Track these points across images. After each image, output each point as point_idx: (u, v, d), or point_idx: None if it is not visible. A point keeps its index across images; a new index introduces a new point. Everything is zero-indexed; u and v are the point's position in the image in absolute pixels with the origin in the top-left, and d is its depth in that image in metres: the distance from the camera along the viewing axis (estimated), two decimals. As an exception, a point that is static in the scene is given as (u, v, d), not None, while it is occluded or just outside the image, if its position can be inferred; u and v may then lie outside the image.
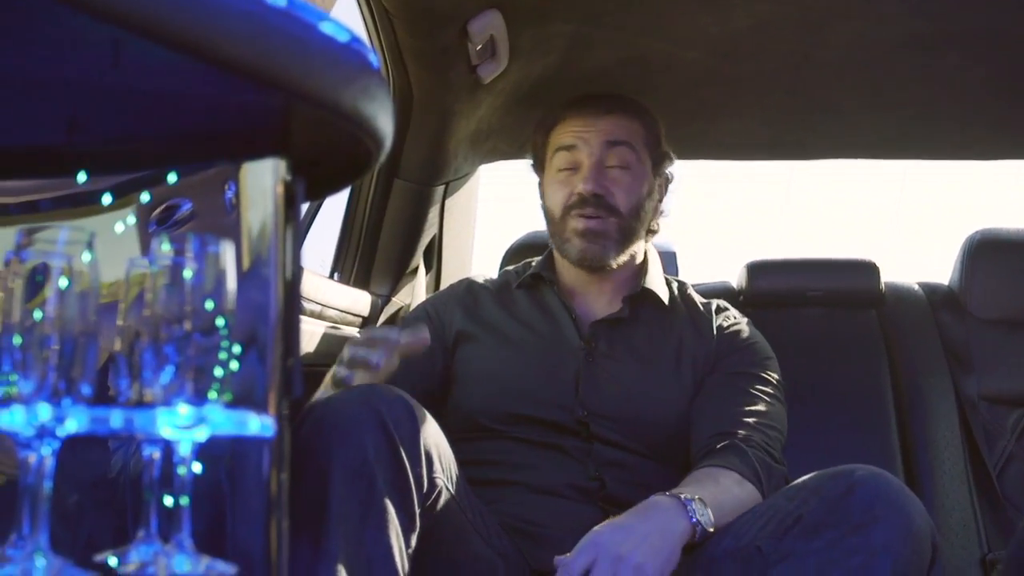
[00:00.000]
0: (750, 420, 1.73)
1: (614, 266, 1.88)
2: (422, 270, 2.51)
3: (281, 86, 0.57)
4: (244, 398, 0.67)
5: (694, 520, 1.47)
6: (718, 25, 1.95)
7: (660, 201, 1.97)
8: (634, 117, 1.92)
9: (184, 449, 0.65)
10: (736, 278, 2.63)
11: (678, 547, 1.45)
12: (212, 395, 0.64)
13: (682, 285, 2.02)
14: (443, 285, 2.51)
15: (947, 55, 2.05)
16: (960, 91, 2.21)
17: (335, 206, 2.31)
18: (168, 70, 0.58)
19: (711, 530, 1.48)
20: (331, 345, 1.99)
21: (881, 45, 2.02)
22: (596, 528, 1.45)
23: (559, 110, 1.95)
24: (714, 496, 1.53)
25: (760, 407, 1.76)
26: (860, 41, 2.01)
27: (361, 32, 1.93)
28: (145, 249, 0.76)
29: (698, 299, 1.99)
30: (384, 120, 0.66)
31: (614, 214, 1.85)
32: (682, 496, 1.50)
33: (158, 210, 0.77)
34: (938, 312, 2.54)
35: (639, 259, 1.95)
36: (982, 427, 2.37)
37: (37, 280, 0.62)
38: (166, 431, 0.64)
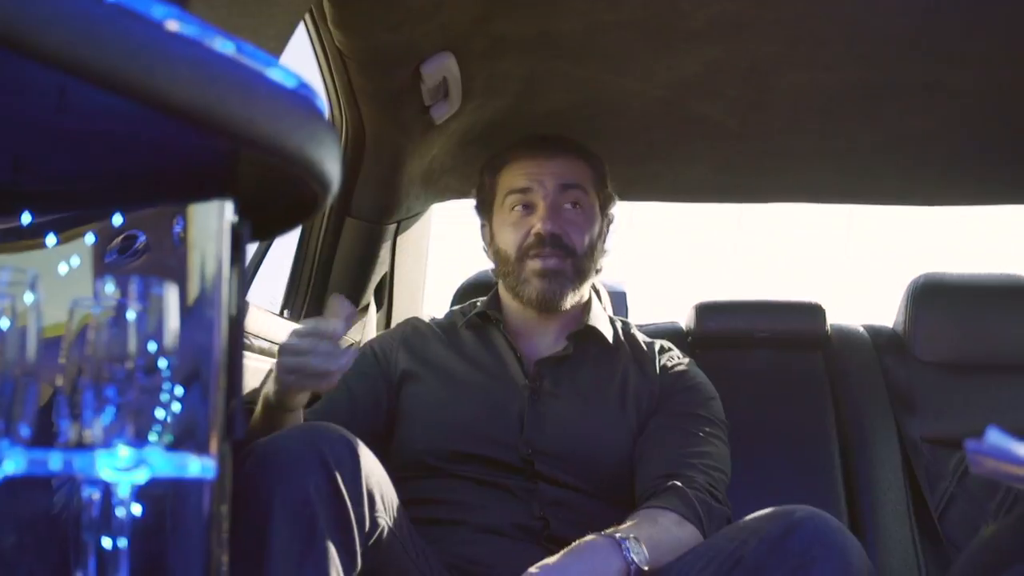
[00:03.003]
0: (693, 461, 1.74)
1: (568, 307, 1.89)
2: (373, 308, 2.50)
3: (227, 132, 0.57)
4: (185, 439, 0.67)
5: (628, 559, 1.47)
6: (668, 70, 1.98)
7: (605, 241, 1.99)
8: (583, 159, 1.95)
9: (123, 491, 0.64)
10: (685, 319, 2.65)
11: None
12: (153, 437, 0.64)
13: (626, 324, 2.04)
14: (394, 323, 2.51)
15: (891, 104, 2.09)
16: (904, 139, 2.26)
17: (286, 242, 2.30)
18: (114, 113, 0.59)
19: (645, 568, 1.48)
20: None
21: (828, 93, 2.06)
22: (531, 569, 1.45)
23: (507, 152, 1.96)
24: (651, 536, 1.54)
25: (703, 448, 1.78)
26: (806, 88, 2.05)
27: (315, 72, 1.94)
28: (93, 284, 0.76)
29: (642, 338, 2.00)
30: (331, 165, 0.67)
31: (571, 255, 1.87)
32: (616, 535, 1.50)
33: (117, 240, 0.77)
34: (882, 354, 2.57)
35: (584, 298, 1.97)
36: (924, 469, 2.40)
37: (-23, 320, 0.61)
38: (106, 473, 0.64)
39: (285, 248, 2.30)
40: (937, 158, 2.36)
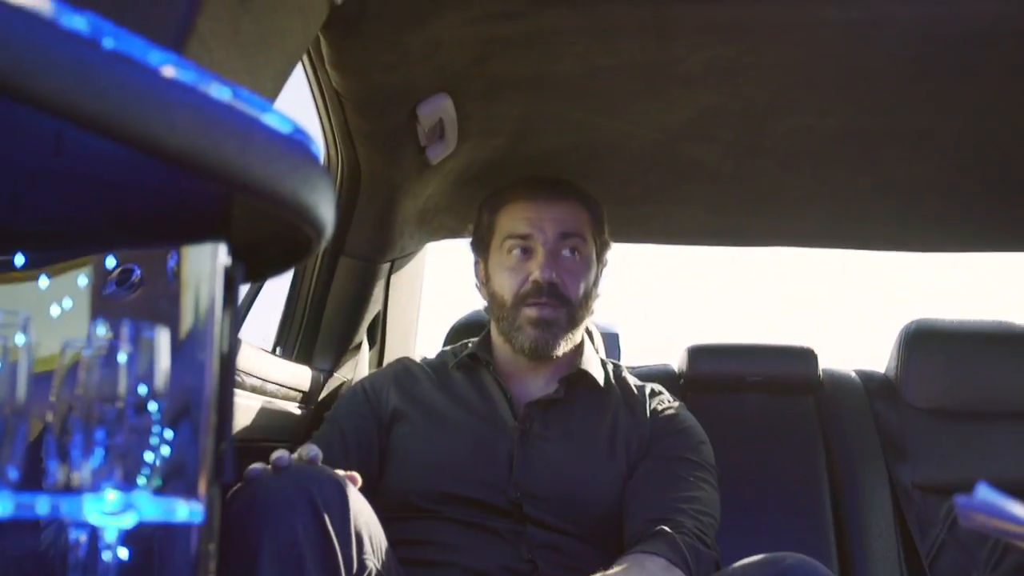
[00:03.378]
0: (683, 506, 1.73)
1: (560, 354, 1.89)
2: (365, 346, 2.50)
3: (222, 178, 0.57)
4: (174, 481, 0.67)
5: None
6: (663, 113, 1.99)
7: (598, 285, 1.99)
8: (582, 205, 1.95)
9: (110, 535, 0.64)
10: (677, 361, 2.66)
11: None
12: (141, 480, 0.64)
13: (617, 367, 2.04)
14: (386, 361, 2.51)
15: (884, 150, 2.11)
16: (897, 185, 2.27)
17: (280, 280, 2.30)
18: (110, 158, 0.59)
19: None
20: (270, 420, 1.97)
21: (822, 138, 2.08)
22: None
23: (507, 192, 1.96)
24: None
25: (693, 492, 1.77)
26: (800, 133, 2.06)
27: (312, 112, 1.95)
28: (86, 325, 0.76)
29: (633, 381, 2.00)
30: (325, 209, 0.67)
31: (566, 304, 1.87)
32: None
33: (114, 274, 0.77)
34: (874, 400, 2.57)
35: (576, 341, 1.97)
36: (915, 515, 2.40)
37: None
38: (93, 517, 0.63)
39: (278, 284, 2.31)
40: (930, 204, 2.37)
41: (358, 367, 2.46)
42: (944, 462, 2.44)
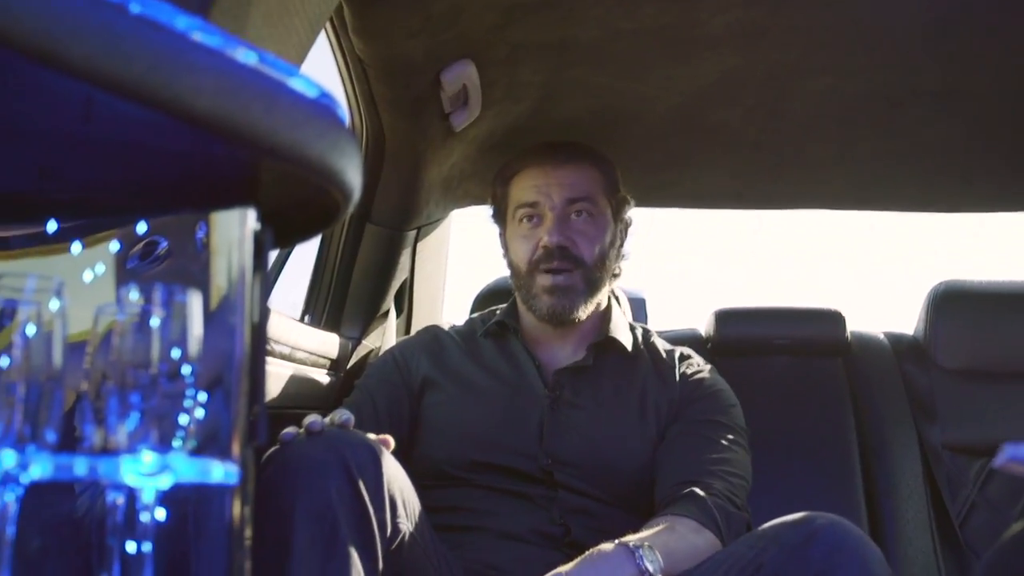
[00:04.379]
0: (713, 468, 1.74)
1: (582, 318, 1.89)
2: (393, 314, 2.51)
3: (250, 142, 0.58)
4: (208, 444, 0.68)
5: (642, 567, 1.47)
6: (688, 77, 1.98)
7: (621, 246, 1.98)
8: (591, 166, 1.94)
9: (148, 496, 0.65)
10: (704, 325, 2.65)
11: None
12: (176, 442, 0.65)
13: (646, 332, 2.03)
14: (414, 329, 2.52)
15: (912, 109, 2.09)
16: (925, 145, 2.25)
17: (307, 249, 2.31)
18: (139, 123, 0.59)
19: (659, 574, 1.48)
20: (299, 387, 1.99)
21: (847, 99, 2.06)
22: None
23: (516, 162, 1.97)
24: (666, 543, 1.54)
25: (723, 455, 1.77)
26: (827, 95, 2.04)
27: (335, 80, 1.95)
28: (117, 291, 0.76)
29: (662, 346, 2.00)
30: (352, 173, 0.67)
31: (580, 266, 1.87)
32: (630, 543, 1.50)
33: (139, 246, 0.77)
34: (903, 362, 2.56)
35: (603, 306, 1.97)
36: (945, 476, 2.39)
37: (3, 325, 0.62)
38: (130, 478, 0.64)
39: (305, 254, 2.32)
40: (957, 164, 2.35)
41: (386, 335, 2.47)
42: (974, 423, 2.43)
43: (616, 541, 1.52)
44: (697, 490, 1.68)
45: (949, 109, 2.09)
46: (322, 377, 2.13)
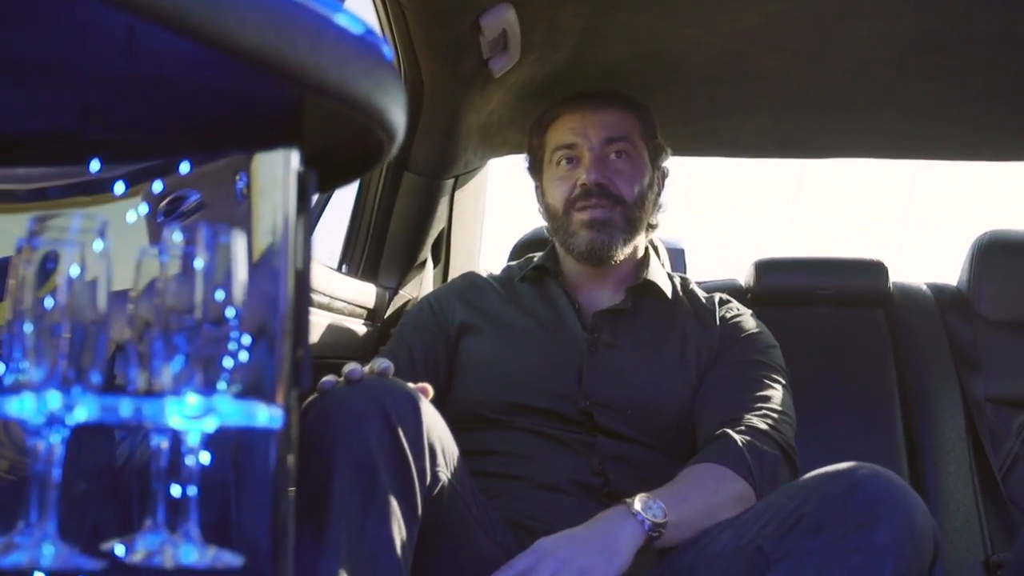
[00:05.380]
0: (752, 406, 1.73)
1: (620, 257, 1.89)
2: (430, 263, 2.51)
3: (294, 78, 0.56)
4: (252, 389, 0.67)
5: (639, 517, 1.48)
6: (730, 22, 1.95)
7: (659, 195, 1.98)
8: (629, 111, 1.94)
9: (192, 439, 0.65)
10: (744, 276, 2.63)
11: (624, 547, 1.45)
12: (221, 385, 0.64)
13: (684, 280, 2.03)
14: (451, 278, 2.51)
15: (960, 55, 2.04)
16: (972, 92, 2.20)
17: (344, 198, 2.31)
18: (182, 59, 0.58)
19: (660, 520, 1.48)
20: (337, 337, 1.99)
21: (893, 44, 2.02)
22: (542, 538, 1.47)
23: (553, 110, 1.98)
24: (680, 492, 1.56)
25: (763, 392, 1.77)
26: (872, 40, 2.00)
27: (373, 24, 1.93)
28: (153, 238, 0.76)
29: (700, 292, 2.00)
30: (397, 113, 0.66)
31: (619, 203, 1.87)
32: (627, 500, 1.51)
33: (165, 201, 0.77)
34: (946, 313, 2.53)
35: (640, 253, 1.97)
36: (988, 429, 2.37)
37: (48, 268, 0.62)
38: (175, 420, 0.64)
39: (342, 203, 2.31)
40: (1005, 112, 2.31)
41: (423, 284, 2.47)
42: (1017, 375, 2.41)
43: (623, 500, 1.53)
44: (729, 431, 1.68)
45: (996, 56, 2.04)
46: (360, 327, 2.13)
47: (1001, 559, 2.21)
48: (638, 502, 1.49)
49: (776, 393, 1.78)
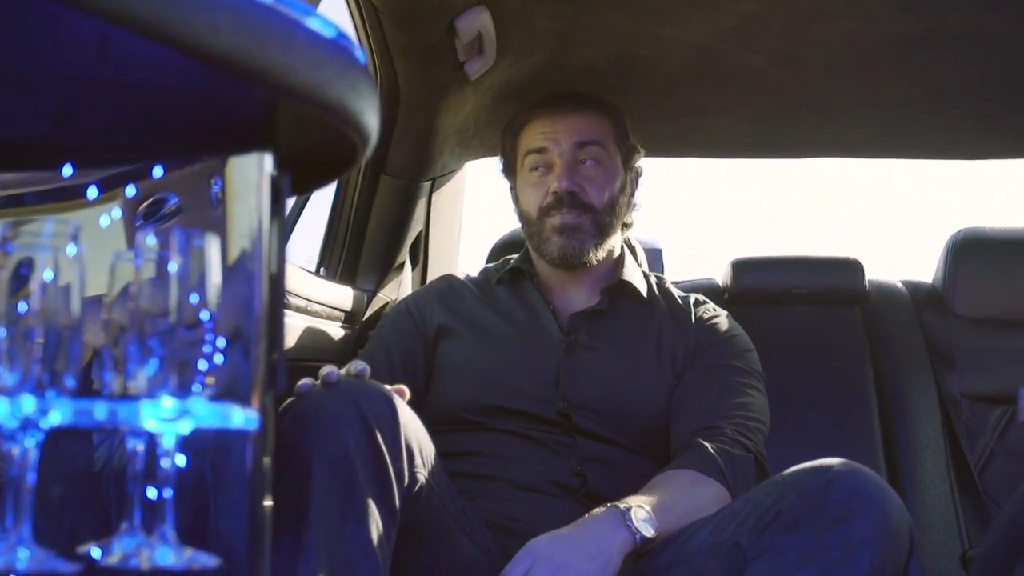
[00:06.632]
0: (726, 412, 1.74)
1: (593, 261, 1.89)
2: (408, 266, 2.51)
3: (267, 82, 0.57)
4: (228, 391, 0.68)
5: (632, 528, 1.48)
6: (705, 23, 1.96)
7: (632, 194, 1.99)
8: (600, 113, 1.94)
9: (168, 442, 0.65)
10: (721, 275, 2.64)
11: (616, 555, 1.46)
12: (196, 388, 0.65)
13: (660, 280, 2.04)
14: (429, 280, 2.51)
15: (934, 55, 2.06)
16: (946, 91, 2.22)
17: (322, 201, 2.31)
18: (155, 65, 0.58)
19: (650, 535, 1.49)
20: (315, 340, 1.99)
21: (868, 44, 2.03)
22: (535, 539, 1.47)
23: (525, 113, 1.98)
24: (663, 500, 1.56)
25: (737, 399, 1.78)
26: (847, 40, 2.01)
27: (348, 28, 1.93)
28: (131, 242, 0.76)
29: (676, 292, 2.01)
30: (370, 115, 0.67)
31: (589, 211, 1.88)
32: (622, 506, 1.51)
33: (144, 204, 0.77)
34: (922, 310, 2.54)
35: (616, 253, 1.98)
36: (964, 425, 2.39)
37: (22, 273, 0.62)
38: (150, 423, 0.64)
39: (319, 207, 2.31)
40: (979, 110, 2.32)
41: (401, 287, 2.47)
42: (992, 371, 2.42)
43: (608, 504, 1.53)
44: (702, 440, 1.69)
45: (971, 54, 2.05)
46: (337, 330, 2.13)
47: (977, 553, 2.23)
48: (634, 515, 1.49)
49: (750, 399, 1.79)
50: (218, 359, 0.66)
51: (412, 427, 1.44)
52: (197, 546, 0.66)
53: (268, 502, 0.72)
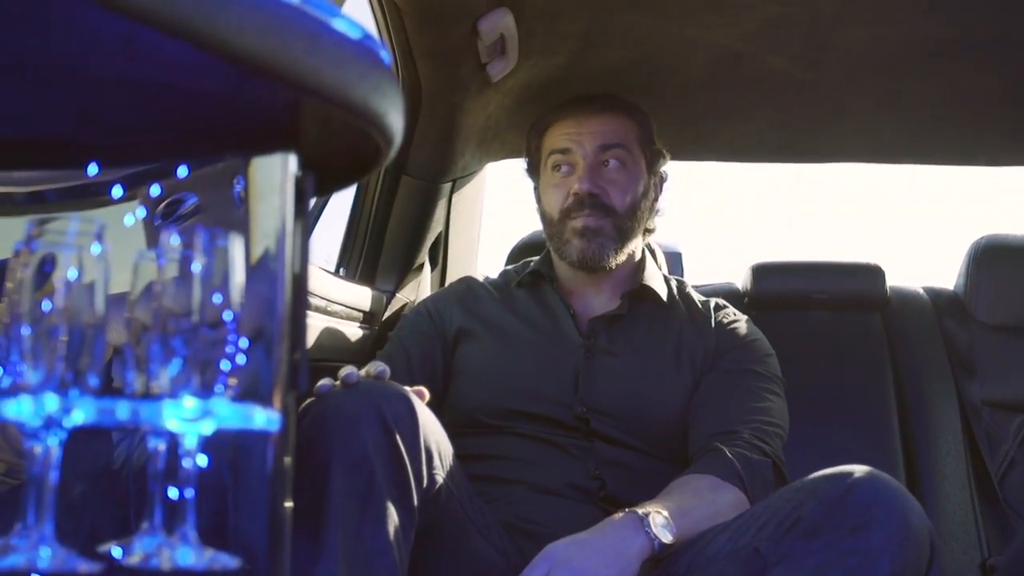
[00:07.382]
0: (745, 417, 1.74)
1: (613, 266, 1.89)
2: (427, 267, 2.51)
3: (292, 82, 0.57)
4: (250, 392, 0.68)
5: (651, 534, 1.47)
6: (727, 27, 1.95)
7: (656, 200, 1.98)
8: (626, 116, 1.94)
9: (189, 442, 0.65)
10: (741, 280, 2.63)
11: (634, 561, 1.45)
12: (218, 388, 0.65)
13: (681, 283, 2.03)
14: (448, 282, 2.51)
15: (957, 60, 2.05)
16: (970, 96, 2.21)
17: (342, 202, 2.31)
18: (181, 64, 0.58)
19: (668, 541, 1.48)
20: (334, 340, 1.99)
21: (891, 49, 2.02)
22: (553, 543, 1.47)
23: (551, 114, 1.98)
24: (681, 506, 1.55)
25: (756, 404, 1.77)
26: (870, 44, 2.01)
27: (372, 29, 1.93)
28: (153, 242, 0.76)
29: (697, 297, 2.00)
30: (394, 117, 0.66)
31: (610, 214, 1.87)
32: (640, 512, 1.50)
33: (163, 205, 0.77)
34: (942, 317, 2.53)
35: (637, 257, 1.97)
36: (984, 432, 2.37)
37: (46, 271, 0.62)
38: (172, 423, 0.64)
39: (340, 208, 2.31)
40: (1002, 116, 2.31)
41: (420, 288, 2.47)
42: (1014, 379, 2.41)
43: (627, 510, 1.52)
44: (720, 444, 1.68)
45: (996, 58, 2.04)
46: (356, 330, 2.13)
47: (997, 562, 2.21)
48: (653, 521, 1.49)
49: (769, 404, 1.79)
50: (240, 359, 0.66)
51: (431, 429, 1.44)
52: (217, 546, 0.66)
53: (288, 503, 0.71)
